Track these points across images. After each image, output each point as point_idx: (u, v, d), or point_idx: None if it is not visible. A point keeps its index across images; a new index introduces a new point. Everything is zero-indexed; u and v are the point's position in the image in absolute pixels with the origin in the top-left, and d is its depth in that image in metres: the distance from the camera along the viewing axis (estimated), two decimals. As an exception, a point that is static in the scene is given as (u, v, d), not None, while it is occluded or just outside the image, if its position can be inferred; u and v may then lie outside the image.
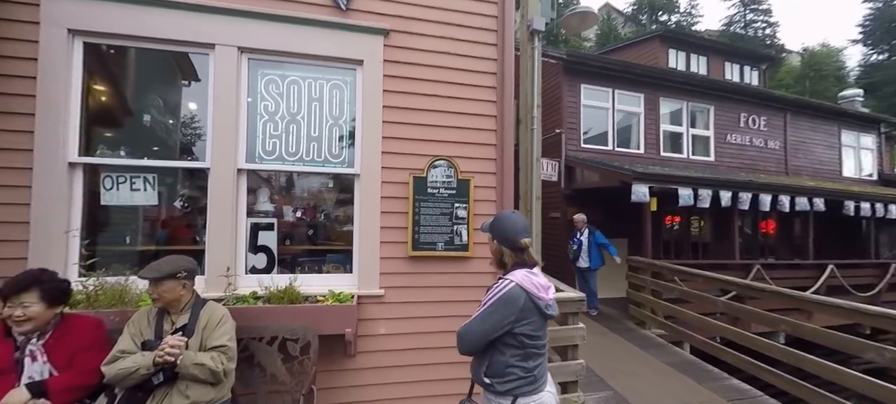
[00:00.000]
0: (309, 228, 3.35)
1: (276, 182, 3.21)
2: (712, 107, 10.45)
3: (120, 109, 3.00)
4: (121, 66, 2.99)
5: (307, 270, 3.15)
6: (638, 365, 4.92)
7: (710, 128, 10.46)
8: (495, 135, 3.31)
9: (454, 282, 3.19)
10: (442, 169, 3.14)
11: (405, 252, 3.08)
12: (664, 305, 6.21)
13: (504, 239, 1.80)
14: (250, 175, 2.97)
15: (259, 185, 3.09)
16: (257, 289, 2.75)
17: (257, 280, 2.81)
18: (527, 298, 1.68)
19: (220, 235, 2.77)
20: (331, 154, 3.07)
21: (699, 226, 10.85)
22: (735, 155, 10.81)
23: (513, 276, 1.71)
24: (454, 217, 3.15)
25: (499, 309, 1.67)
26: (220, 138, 2.79)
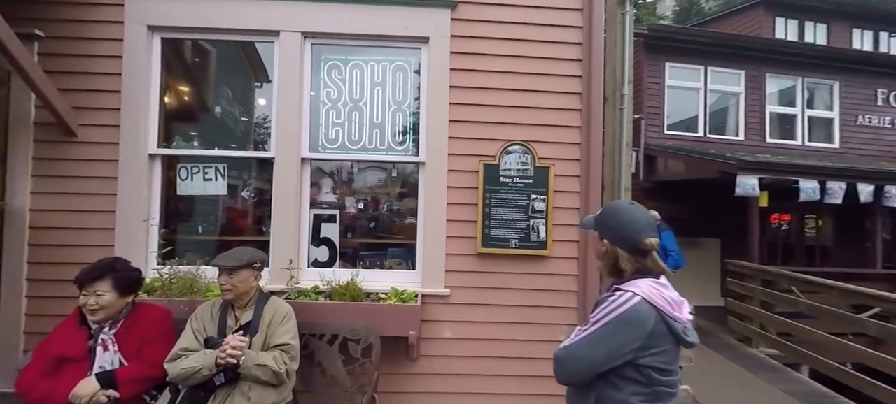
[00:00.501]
0: (371, 221, 3.15)
1: (338, 172, 3.04)
2: (837, 82, 8.59)
3: (193, 102, 3.04)
4: (194, 61, 3.02)
5: (368, 265, 2.94)
6: (751, 391, 4.05)
7: (834, 109, 8.62)
8: (580, 115, 2.80)
9: (529, 285, 2.77)
10: (517, 155, 2.72)
11: (474, 248, 2.73)
12: (779, 320, 5.13)
13: (620, 237, 1.35)
14: (313, 165, 2.82)
15: (322, 176, 2.95)
16: (319, 284, 2.59)
17: (319, 274, 2.65)
18: (657, 318, 1.22)
19: (284, 227, 2.65)
20: (394, 141, 2.81)
21: (816, 226, 9.05)
22: (868, 140, 8.80)
23: (636, 288, 1.26)
24: (530, 210, 2.72)
25: (618, 332, 1.23)
26: (284, 127, 2.67)
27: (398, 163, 2.94)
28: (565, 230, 2.78)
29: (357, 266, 2.90)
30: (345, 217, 3.03)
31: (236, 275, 1.87)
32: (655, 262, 1.35)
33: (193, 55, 2.99)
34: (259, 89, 3.01)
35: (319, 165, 2.88)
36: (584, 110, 2.79)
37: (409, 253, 2.94)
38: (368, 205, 3.09)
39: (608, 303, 1.28)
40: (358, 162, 2.93)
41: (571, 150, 2.80)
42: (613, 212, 1.42)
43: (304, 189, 2.75)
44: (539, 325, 2.78)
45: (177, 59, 2.90)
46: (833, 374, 4.40)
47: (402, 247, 3.00)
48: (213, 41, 2.92)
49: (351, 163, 3.01)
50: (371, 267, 2.91)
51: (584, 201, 2.79)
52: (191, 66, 3.00)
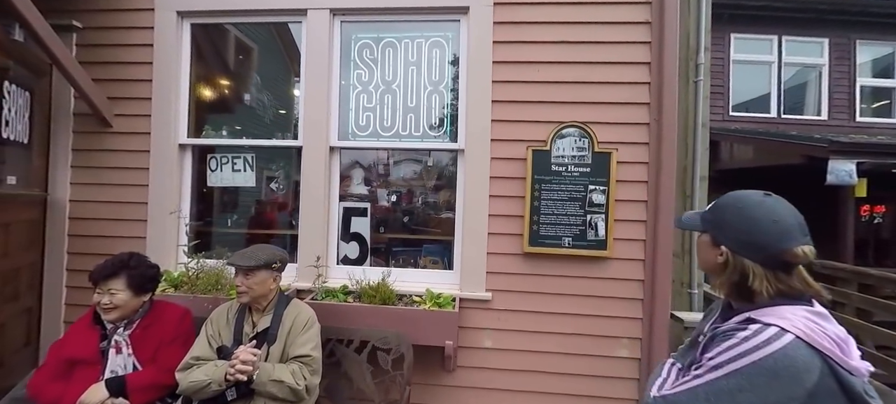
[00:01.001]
0: (404, 215, 2.84)
1: (370, 162, 2.75)
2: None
3: (224, 91, 2.86)
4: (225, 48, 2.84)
5: (401, 263, 2.64)
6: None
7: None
8: (648, 89, 2.29)
9: (585, 290, 2.34)
10: (571, 139, 2.27)
11: (520, 247, 2.33)
12: (881, 332, 4.25)
13: (751, 244, 0.93)
14: (343, 154, 2.54)
15: (352, 165, 2.67)
16: (348, 283, 2.32)
17: (348, 272, 2.39)
18: (824, 370, 0.79)
19: (312, 220, 2.41)
20: (430, 127, 2.46)
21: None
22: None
23: (784, 321, 0.83)
24: (587, 204, 2.27)
25: (758, 386, 0.82)
26: (311, 113, 2.41)
27: (434, 151, 2.58)
28: (629, 227, 2.31)
29: (389, 263, 2.62)
30: (376, 210, 2.75)
31: (253, 276, 1.62)
32: (806, 282, 0.91)
33: (224, 42, 2.80)
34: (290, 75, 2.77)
35: (349, 154, 2.60)
36: (653, 83, 2.28)
37: (446, 251, 2.60)
38: (402, 198, 2.78)
39: (739, 341, 0.86)
40: (390, 150, 2.61)
41: (638, 132, 2.30)
42: (738, 206, 0.98)
43: (333, 180, 2.48)
44: (595, 338, 2.34)
45: (208, 46, 2.72)
46: None
47: (438, 244, 2.67)
48: (241, 25, 2.71)
49: (383, 151, 2.70)
50: (404, 265, 2.61)
51: (653, 193, 2.29)
52: (221, 53, 2.82)
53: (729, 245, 0.97)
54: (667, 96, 2.23)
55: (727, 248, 0.97)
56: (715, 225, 1.01)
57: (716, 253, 1.00)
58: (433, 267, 2.63)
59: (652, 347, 2.30)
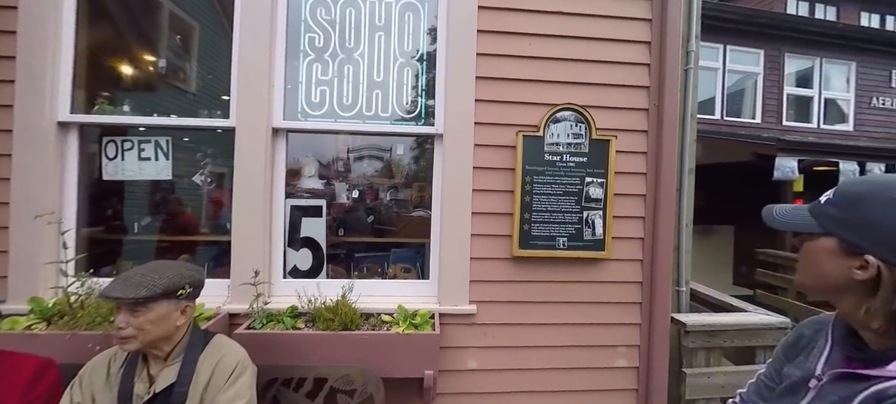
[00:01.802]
0: (369, 213, 2.36)
1: (326, 149, 2.23)
2: (853, 63, 7.92)
3: (127, 52, 2.17)
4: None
5: (367, 272, 2.17)
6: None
7: (850, 91, 7.96)
8: (648, 72, 2.01)
9: (581, 296, 2.02)
10: (567, 124, 1.93)
11: (509, 250, 1.96)
12: (816, 311, 4.49)
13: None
14: (291, 139, 2.00)
15: (304, 153, 2.13)
16: (297, 303, 1.80)
17: (298, 288, 1.86)
18: None
19: (249, 224, 1.84)
20: (401, 106, 2.00)
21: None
22: (882, 123, 8.20)
23: None
24: (584, 198, 1.95)
25: None
26: (248, 84, 1.84)
27: (406, 136, 2.12)
28: (627, 224, 2.03)
29: (351, 274, 2.13)
30: (335, 209, 2.25)
31: (144, 313, 1.07)
32: None
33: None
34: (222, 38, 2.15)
35: (300, 140, 2.05)
36: (653, 65, 2.00)
37: (421, 256, 2.16)
38: (366, 194, 2.29)
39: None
40: (352, 134, 2.10)
41: (637, 118, 2.02)
42: (878, 196, 0.65)
43: (278, 171, 1.93)
44: (591, 349, 2.04)
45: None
46: None
47: (410, 249, 2.22)
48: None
49: (343, 135, 2.19)
50: (369, 275, 2.14)
51: (652, 186, 2.02)
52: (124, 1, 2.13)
53: (882, 254, 0.64)
54: (669, 80, 1.97)
55: (878, 259, 0.64)
56: (850, 225, 0.68)
57: (850, 265, 0.67)
58: (405, 276, 2.18)
59: (651, 354, 2.04)
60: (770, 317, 2.04)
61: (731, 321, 1.98)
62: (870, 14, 10.52)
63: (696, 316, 2.04)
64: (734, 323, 1.97)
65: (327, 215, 2.10)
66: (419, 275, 2.22)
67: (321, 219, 2.04)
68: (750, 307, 2.26)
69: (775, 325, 2.01)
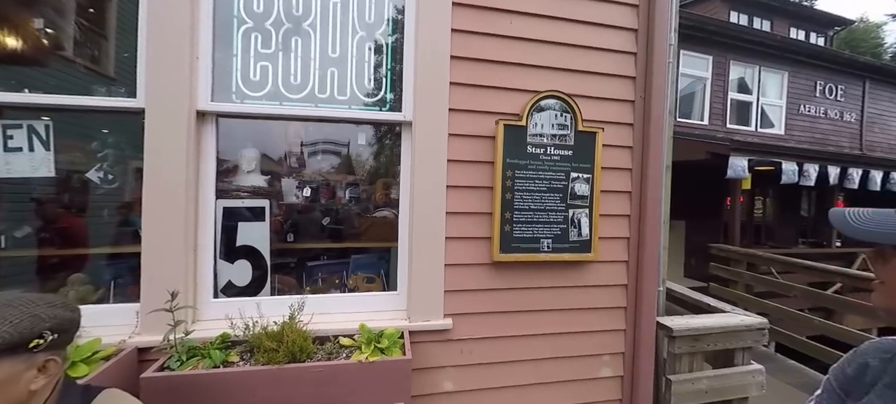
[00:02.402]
0: (325, 214, 2.03)
1: (270, 138, 1.87)
2: (786, 72, 8.69)
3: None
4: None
5: (322, 284, 1.85)
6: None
7: (783, 98, 8.73)
8: (634, 61, 1.88)
9: (565, 303, 1.85)
10: (551, 113, 1.75)
11: (488, 255, 1.74)
12: (759, 302, 4.80)
13: None
14: (223, 125, 1.63)
15: (241, 143, 1.76)
16: (230, 330, 1.45)
17: (234, 309, 1.50)
18: None
19: (163, 232, 1.46)
20: (362, 88, 1.71)
21: (762, 207, 9.25)
22: (806, 128, 9.08)
23: None
24: (570, 195, 1.77)
25: None
26: (161, 55, 1.46)
27: (369, 123, 1.83)
28: (613, 223, 1.89)
29: (303, 287, 1.80)
30: (282, 211, 1.90)
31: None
32: None
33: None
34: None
35: (234, 126, 1.69)
36: (640, 55, 1.88)
37: (386, 262, 1.89)
38: (322, 192, 1.97)
39: None
40: (302, 120, 1.77)
41: (622, 110, 1.89)
42: None
43: (206, 165, 1.56)
44: (576, 360, 1.88)
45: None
46: (796, 346, 4.45)
47: (374, 255, 1.94)
48: None
49: (291, 122, 1.85)
50: (325, 288, 1.82)
51: (637, 182, 1.90)
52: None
53: None
54: (656, 70, 1.85)
55: None
56: None
57: None
58: (368, 287, 1.88)
59: (637, 362, 1.92)
60: (749, 318, 2.00)
61: (715, 323, 1.92)
62: (797, 29, 11.71)
63: (680, 320, 1.95)
64: (718, 325, 1.91)
65: (272, 218, 1.76)
66: (385, 285, 1.93)
67: (264, 224, 1.69)
68: (726, 306, 2.23)
69: (754, 326, 1.98)
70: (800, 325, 4.70)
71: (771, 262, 5.18)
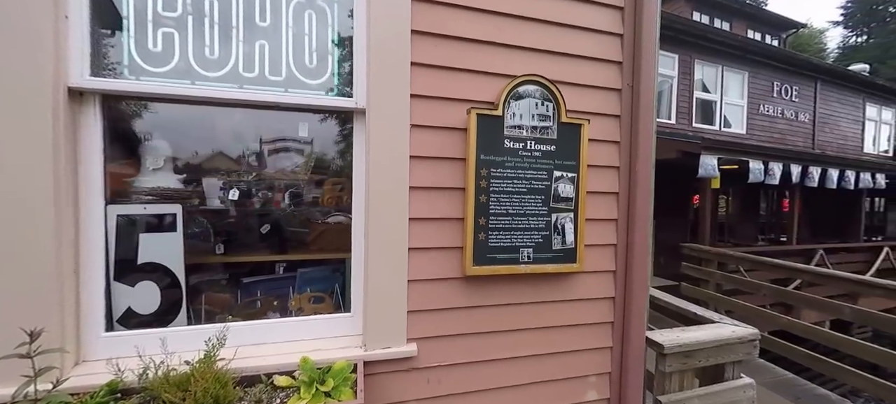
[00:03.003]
0: (261, 220, 1.70)
1: (183, 126, 1.52)
2: (747, 73, 9.05)
3: None
4: None
5: (257, 308, 1.52)
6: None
7: (744, 98, 9.09)
8: (620, 44, 1.68)
9: (547, 320, 1.63)
10: (532, 101, 1.51)
11: (460, 268, 1.48)
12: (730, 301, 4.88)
13: None
14: (115, 110, 1.27)
15: (143, 132, 1.40)
16: (120, 376, 1.11)
17: (131, 347, 1.16)
18: None
19: (13, 252, 1.09)
20: (302, 67, 1.40)
21: (725, 205, 9.63)
22: (765, 127, 9.52)
23: None
24: (553, 197, 1.55)
25: None
26: (4, 13, 1.08)
27: (311, 110, 1.51)
28: (599, 228, 1.69)
29: (230, 313, 1.46)
30: (209, 218, 1.55)
31: None
32: None
33: None
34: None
35: (135, 111, 1.33)
36: (627, 36, 1.68)
37: (341, 275, 1.59)
38: (255, 194, 1.63)
39: None
40: (223, 104, 1.43)
41: (608, 100, 1.68)
42: None
43: (89, 161, 1.20)
44: (560, 383, 1.68)
45: None
46: (762, 344, 4.55)
47: (325, 268, 1.63)
48: None
49: (216, 108, 1.50)
50: (262, 312, 1.50)
51: (625, 183, 1.71)
52: None
53: None
54: (645, 54, 1.66)
55: None
56: None
57: None
58: (317, 308, 1.58)
59: (625, 382, 1.74)
60: (740, 329, 1.87)
61: (707, 337, 1.77)
62: (754, 31, 12.30)
63: (671, 335, 1.79)
64: (711, 339, 1.76)
65: (192, 227, 1.42)
66: (339, 303, 1.64)
67: (175, 234, 1.35)
68: (714, 315, 2.10)
69: (746, 338, 1.85)
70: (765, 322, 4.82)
71: (741, 261, 5.30)
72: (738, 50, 8.65)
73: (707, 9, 10.86)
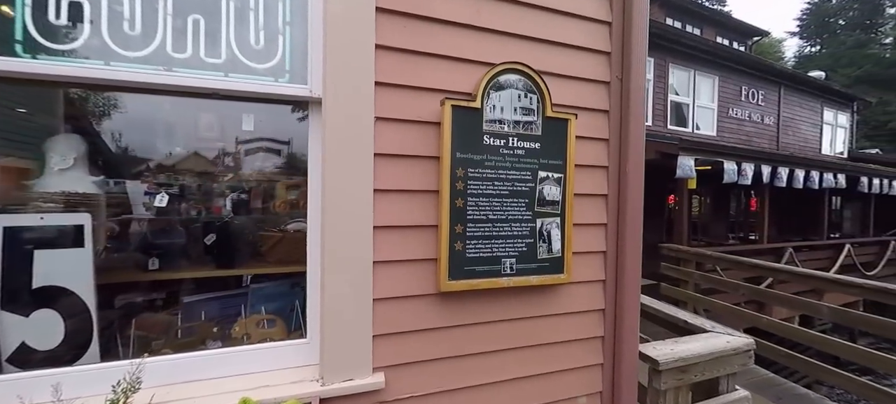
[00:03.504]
0: (206, 232, 1.45)
1: (96, 114, 1.26)
2: (717, 77, 9.30)
3: None
4: None
5: (193, 336, 1.28)
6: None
7: (714, 101, 9.33)
8: (609, 32, 1.54)
9: (532, 338, 1.46)
10: (514, 93, 1.34)
11: (434, 283, 1.29)
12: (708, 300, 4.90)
13: None
14: (8, 93, 1.01)
15: (49, 124, 1.14)
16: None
17: (20, 393, 0.90)
18: None
19: None
20: (245, 48, 1.17)
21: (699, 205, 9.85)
22: (734, 130, 9.82)
23: None
24: (538, 200, 1.38)
25: None
26: None
27: (257, 98, 1.29)
28: (587, 235, 1.53)
29: (167, 340, 1.22)
30: (142, 227, 1.30)
31: None
32: None
33: None
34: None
35: (28, 96, 1.07)
36: (616, 24, 1.54)
37: (296, 293, 1.36)
38: (187, 195, 1.38)
39: None
40: (147, 90, 1.18)
41: (596, 94, 1.54)
42: None
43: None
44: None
45: None
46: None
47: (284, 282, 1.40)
48: None
49: (134, 93, 1.25)
50: (198, 339, 1.25)
51: (614, 184, 1.56)
52: None
53: None
54: (636, 44, 1.52)
55: None
56: None
57: None
58: (266, 334, 1.35)
59: (617, 402, 1.58)
60: (735, 339, 1.76)
61: (703, 350, 1.64)
62: (722, 38, 12.72)
63: (664, 348, 1.65)
64: (707, 352, 1.64)
65: (113, 240, 1.16)
66: (299, 325, 1.41)
67: (82, 251, 1.09)
68: (706, 323, 1.99)
69: (741, 349, 1.73)
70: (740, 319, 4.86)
71: (718, 261, 5.35)
72: (709, 55, 8.87)
73: (679, 15, 11.16)
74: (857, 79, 28.64)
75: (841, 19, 37.42)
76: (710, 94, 9.31)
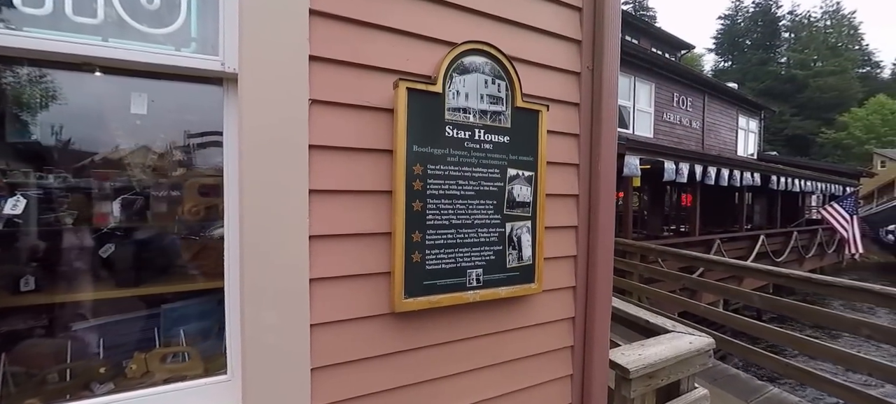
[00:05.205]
0: (101, 241, 1.08)
1: None
2: (653, 84, 9.75)
3: None
4: None
5: (76, 379, 0.92)
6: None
7: (651, 106, 9.79)
8: (579, 19, 1.35)
9: (502, 355, 1.25)
10: (480, 78, 1.10)
11: (388, 301, 1.02)
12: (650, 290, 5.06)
13: None
14: None
15: None
16: None
17: None
18: None
19: None
20: (134, 7, 0.82)
21: (639, 200, 10.33)
22: (667, 132, 10.38)
23: None
24: (507, 202, 1.16)
25: None
26: None
27: (152, 71, 0.94)
28: (558, 238, 1.34)
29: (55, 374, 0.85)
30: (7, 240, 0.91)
31: None
32: None
33: None
34: None
35: None
36: (587, 10, 1.35)
37: (216, 315, 1.04)
38: (60, 199, 1.01)
39: None
40: (12, 58, 0.81)
41: (566, 85, 1.34)
42: None
43: None
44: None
45: None
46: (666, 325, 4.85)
47: (199, 301, 1.07)
48: None
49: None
50: (83, 380, 0.90)
51: (585, 183, 1.38)
52: None
53: None
54: (608, 31, 1.34)
55: None
56: None
57: None
58: (174, 369, 1.01)
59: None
60: (697, 340, 1.67)
61: (669, 354, 1.53)
62: (656, 49, 13.45)
63: (632, 354, 1.51)
64: (673, 355, 1.52)
65: None
66: (208, 358, 1.08)
67: None
68: (666, 322, 1.90)
69: (703, 349, 1.65)
70: (675, 305, 5.07)
71: (660, 254, 5.57)
72: (647, 63, 9.27)
73: (622, 26, 11.62)
74: (760, 92, 32.02)
75: (747, 39, 41.59)
76: (647, 99, 9.75)
